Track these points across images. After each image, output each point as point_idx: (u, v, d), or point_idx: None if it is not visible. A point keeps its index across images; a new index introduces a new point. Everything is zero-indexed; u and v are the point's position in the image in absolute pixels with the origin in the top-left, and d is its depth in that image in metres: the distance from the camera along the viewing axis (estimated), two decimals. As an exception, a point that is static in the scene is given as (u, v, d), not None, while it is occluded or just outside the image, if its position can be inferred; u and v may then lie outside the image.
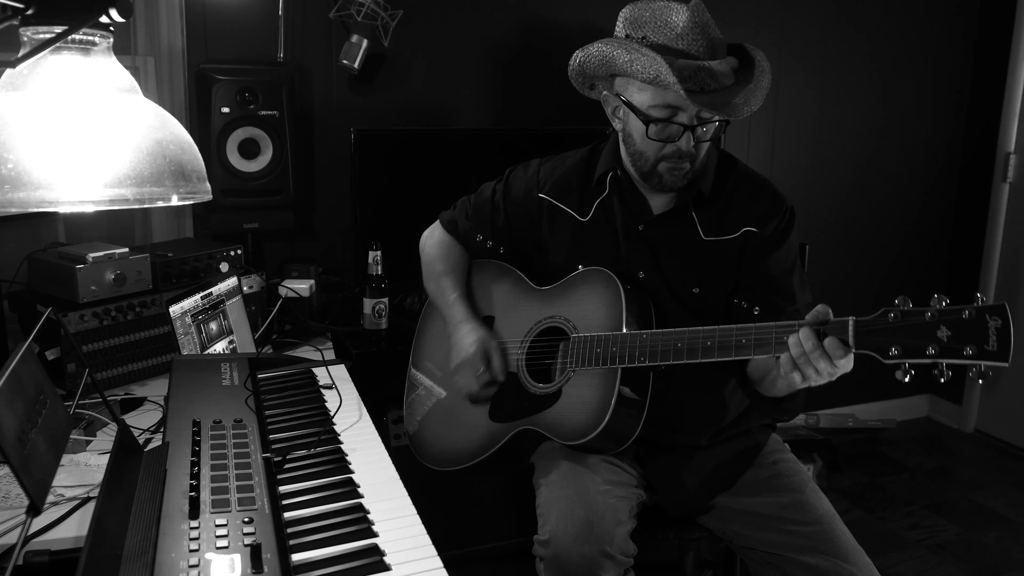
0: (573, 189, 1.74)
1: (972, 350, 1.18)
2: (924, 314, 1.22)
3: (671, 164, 1.56)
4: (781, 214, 1.62)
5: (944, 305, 1.21)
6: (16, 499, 1.32)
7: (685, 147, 1.53)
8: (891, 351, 1.25)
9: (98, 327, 1.83)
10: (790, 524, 1.57)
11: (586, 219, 1.71)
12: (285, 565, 0.97)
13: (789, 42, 3.20)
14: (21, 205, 0.85)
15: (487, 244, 1.86)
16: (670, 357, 1.47)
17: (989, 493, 3.14)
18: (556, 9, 2.85)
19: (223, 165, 2.26)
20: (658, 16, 1.51)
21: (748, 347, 1.39)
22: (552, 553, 1.49)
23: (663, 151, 1.55)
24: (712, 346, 1.42)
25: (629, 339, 1.52)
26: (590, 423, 1.53)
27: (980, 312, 1.18)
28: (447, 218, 1.92)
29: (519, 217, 1.80)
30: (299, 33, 2.54)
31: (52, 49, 0.88)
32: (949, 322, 1.20)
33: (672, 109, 1.51)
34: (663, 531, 1.72)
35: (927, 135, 3.57)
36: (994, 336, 1.17)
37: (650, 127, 1.53)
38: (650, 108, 1.52)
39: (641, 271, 1.65)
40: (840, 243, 3.49)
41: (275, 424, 1.42)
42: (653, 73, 1.46)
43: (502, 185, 1.84)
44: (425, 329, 1.94)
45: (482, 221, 1.85)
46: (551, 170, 1.78)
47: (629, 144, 1.62)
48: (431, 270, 1.88)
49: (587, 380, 1.58)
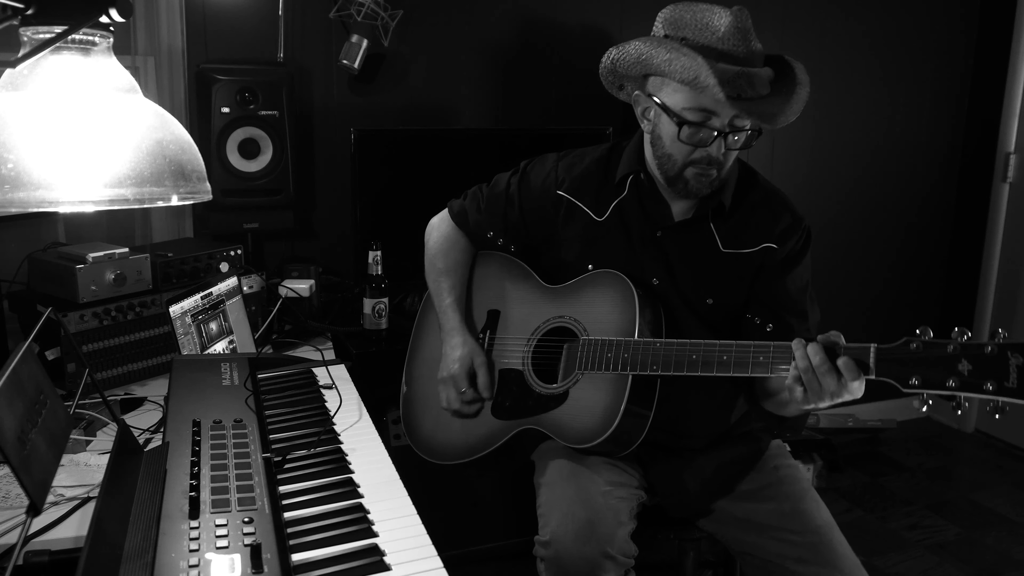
0: (591, 187, 1.71)
1: (992, 386, 1.20)
2: (946, 347, 1.23)
3: (699, 170, 1.53)
4: (800, 233, 1.62)
5: (966, 339, 1.22)
6: (16, 499, 1.32)
7: (715, 153, 1.50)
8: (911, 380, 1.26)
9: (98, 327, 1.83)
10: (788, 533, 1.57)
11: (602, 219, 1.69)
12: (285, 565, 0.97)
13: (789, 42, 3.19)
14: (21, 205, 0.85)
15: (497, 241, 1.83)
16: (684, 368, 1.46)
17: (989, 493, 3.13)
18: (556, 9, 2.85)
19: (223, 165, 2.26)
20: (700, 18, 1.48)
21: (765, 365, 1.39)
22: (553, 554, 1.49)
23: (692, 156, 1.52)
24: (728, 361, 1.42)
25: (642, 346, 1.51)
26: (597, 429, 1.52)
27: (1002, 349, 1.19)
28: (457, 208, 1.88)
29: (534, 212, 1.77)
30: (299, 33, 2.54)
31: (52, 49, 0.88)
32: (971, 356, 1.21)
33: (707, 113, 1.48)
34: (663, 531, 1.72)
35: (927, 135, 3.57)
36: (1015, 373, 1.18)
37: (683, 130, 1.49)
38: (684, 110, 1.49)
39: (655, 278, 1.64)
40: (840, 243, 3.49)
41: (275, 424, 1.42)
42: (693, 74, 1.43)
43: (517, 178, 1.80)
44: (423, 321, 1.93)
45: (495, 215, 1.81)
46: (569, 166, 1.75)
47: (657, 147, 1.58)
48: (432, 265, 1.86)
49: (595, 384, 1.57)
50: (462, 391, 1.69)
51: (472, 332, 1.77)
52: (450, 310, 1.77)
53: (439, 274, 1.83)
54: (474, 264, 1.86)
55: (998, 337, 1.20)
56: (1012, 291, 3.50)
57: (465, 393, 1.69)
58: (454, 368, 1.70)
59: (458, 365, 1.69)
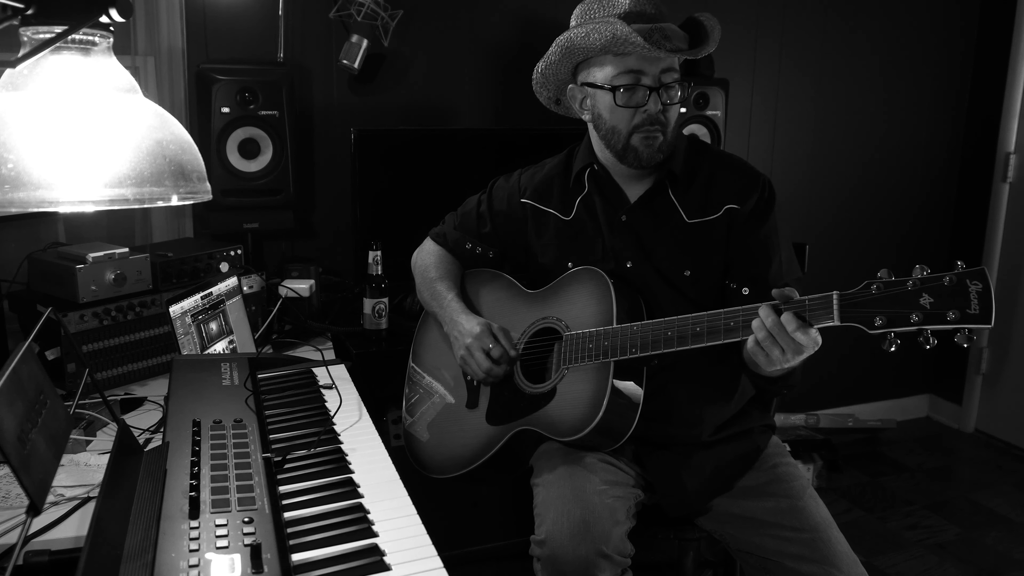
0: (554, 191, 1.78)
1: (955, 314, 1.21)
2: (906, 283, 1.26)
3: (644, 133, 1.59)
4: (760, 188, 1.65)
5: (925, 274, 1.24)
6: (16, 499, 1.32)
7: (654, 109, 1.57)
8: (876, 321, 1.28)
9: (98, 327, 1.83)
10: (786, 531, 1.57)
11: (570, 218, 1.75)
12: (285, 565, 0.97)
13: (789, 42, 3.20)
14: (21, 205, 0.85)
15: (476, 250, 1.89)
16: (661, 346, 1.49)
17: (989, 493, 3.14)
18: (555, 9, 2.85)
19: (223, 165, 2.26)
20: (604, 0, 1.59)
21: (736, 329, 1.41)
22: (548, 553, 1.49)
23: (634, 120, 1.59)
24: (701, 332, 1.45)
25: (620, 332, 1.54)
26: (585, 418, 1.54)
27: (960, 277, 1.21)
28: (436, 232, 1.97)
29: (504, 224, 1.85)
30: (299, 33, 2.54)
31: (52, 49, 0.88)
32: (931, 289, 1.23)
33: (635, 74, 1.56)
34: (663, 531, 1.72)
35: (927, 135, 3.57)
36: (976, 299, 1.20)
37: (616, 94, 1.57)
38: (614, 78, 1.58)
39: (629, 261, 1.67)
40: (840, 243, 3.49)
41: (275, 424, 1.42)
42: (610, 34, 1.52)
43: (486, 196, 1.89)
44: (424, 332, 1.95)
45: (469, 230, 1.89)
46: (531, 176, 1.84)
47: (600, 125, 1.65)
48: (425, 277, 1.91)
49: (581, 376, 1.59)
50: (489, 348, 1.68)
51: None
52: (453, 302, 1.80)
53: (433, 281, 1.87)
54: (461, 282, 1.90)
55: (956, 268, 1.22)
56: (1012, 291, 3.50)
57: (493, 349, 1.68)
58: (476, 330, 1.70)
59: (479, 328, 1.70)
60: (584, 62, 1.64)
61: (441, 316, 1.82)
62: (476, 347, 1.69)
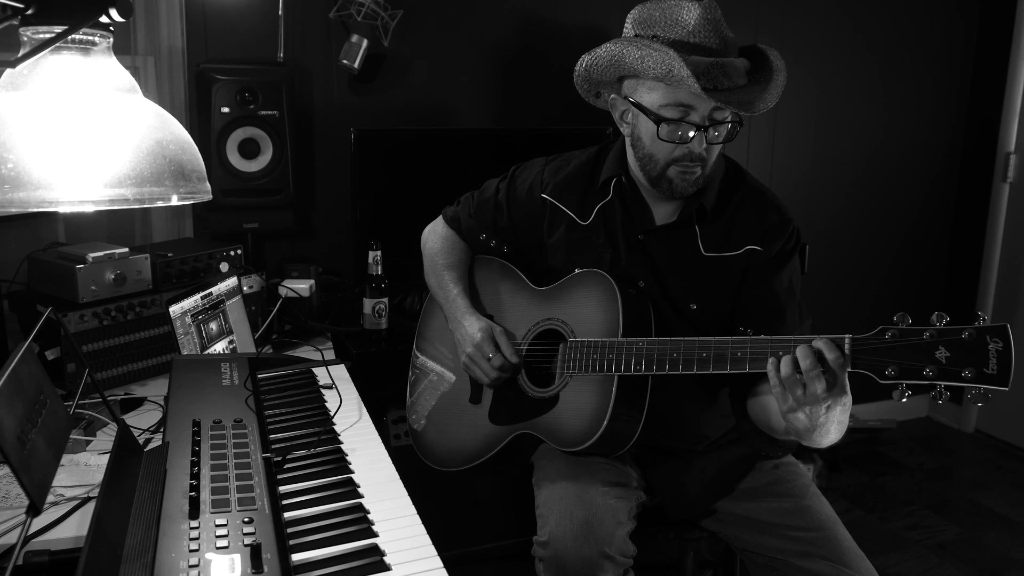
0: (576, 191, 1.71)
1: (970, 373, 1.15)
2: (922, 334, 1.19)
3: (682, 168, 1.51)
4: (787, 235, 1.58)
5: (944, 324, 1.18)
6: (16, 499, 1.32)
7: (697, 148, 1.48)
8: (887, 371, 1.22)
9: (98, 327, 1.83)
10: (792, 530, 1.57)
11: (586, 222, 1.69)
12: (285, 565, 0.97)
13: (789, 42, 3.19)
14: (21, 205, 0.85)
15: (490, 243, 1.85)
16: (666, 367, 1.45)
17: (989, 493, 3.13)
18: (556, 9, 2.85)
19: (223, 165, 2.26)
20: (668, 14, 1.47)
21: (743, 360, 1.36)
22: (551, 554, 1.49)
23: (674, 154, 1.50)
24: (707, 358, 1.40)
25: (625, 346, 1.50)
26: (587, 431, 1.52)
27: (980, 333, 1.15)
28: (450, 214, 1.91)
29: (522, 218, 1.79)
30: (299, 33, 2.54)
31: (52, 49, 0.88)
32: (948, 343, 1.17)
33: (684, 108, 1.46)
34: (663, 531, 1.72)
35: (927, 135, 3.57)
36: (994, 359, 1.14)
37: (661, 127, 1.47)
38: (661, 108, 1.47)
39: (642, 281, 1.63)
40: (840, 243, 3.49)
41: (275, 424, 1.42)
42: (665, 68, 1.42)
43: (506, 184, 1.82)
44: (429, 318, 1.93)
45: (484, 220, 1.84)
46: (555, 170, 1.76)
47: (638, 148, 1.56)
48: (433, 263, 1.87)
49: (584, 386, 1.56)
50: (489, 357, 1.66)
51: (481, 315, 1.76)
52: (459, 299, 1.78)
53: (442, 269, 1.84)
54: (471, 269, 1.88)
55: (977, 321, 1.16)
56: (1012, 291, 3.50)
57: (493, 359, 1.66)
58: (477, 337, 1.68)
59: (480, 335, 1.68)
60: (633, 75, 1.53)
61: (446, 310, 1.81)
62: (478, 355, 1.68)
